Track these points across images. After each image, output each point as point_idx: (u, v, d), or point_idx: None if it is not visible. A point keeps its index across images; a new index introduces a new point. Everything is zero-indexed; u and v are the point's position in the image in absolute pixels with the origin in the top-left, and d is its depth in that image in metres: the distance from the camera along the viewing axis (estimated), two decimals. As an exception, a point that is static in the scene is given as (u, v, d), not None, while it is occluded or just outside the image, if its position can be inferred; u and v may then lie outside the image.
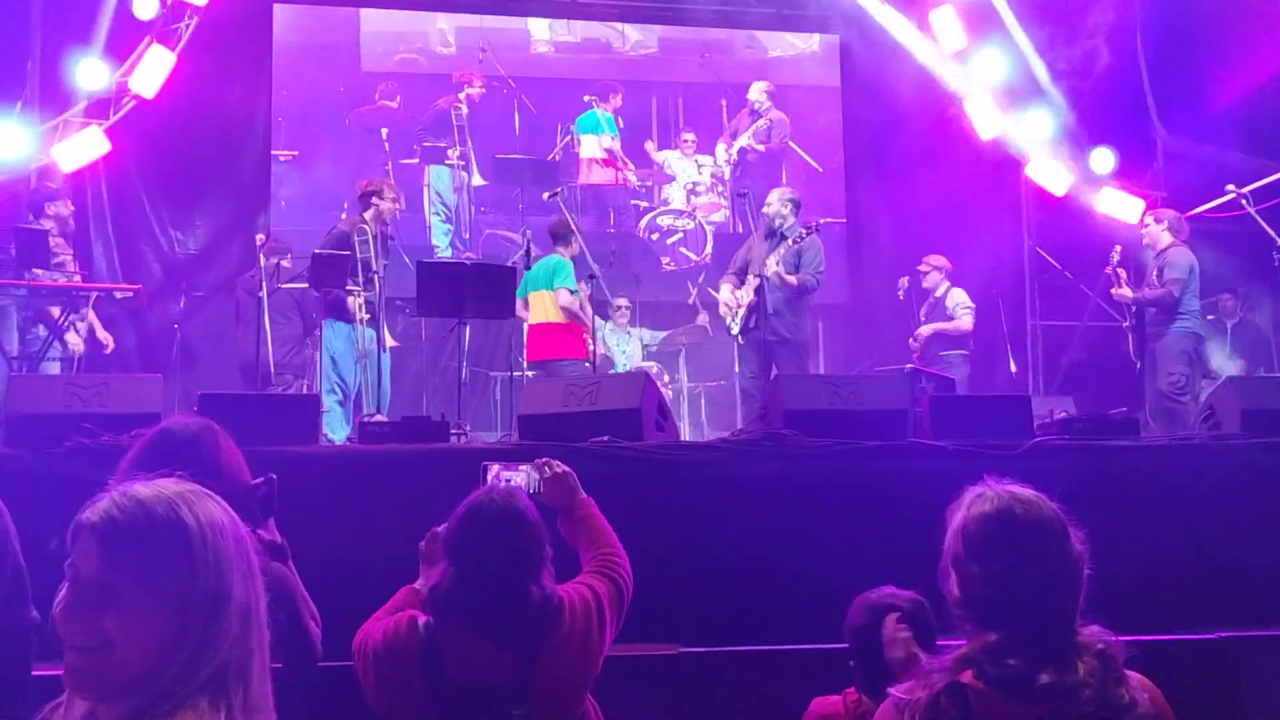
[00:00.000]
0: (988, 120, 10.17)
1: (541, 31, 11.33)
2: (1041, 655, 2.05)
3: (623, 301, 9.66)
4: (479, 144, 10.84)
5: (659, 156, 11.35)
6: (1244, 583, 4.50)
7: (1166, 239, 8.01)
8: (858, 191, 11.36)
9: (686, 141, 11.38)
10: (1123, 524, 4.59)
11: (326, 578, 3.24)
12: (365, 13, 10.90)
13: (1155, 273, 7.99)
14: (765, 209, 7.97)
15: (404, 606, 2.93)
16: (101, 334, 8.12)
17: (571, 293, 7.79)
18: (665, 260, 11.06)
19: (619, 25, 11.40)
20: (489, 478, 3.07)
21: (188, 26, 9.12)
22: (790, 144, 11.41)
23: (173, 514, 1.53)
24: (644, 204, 11.34)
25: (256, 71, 10.46)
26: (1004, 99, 10.16)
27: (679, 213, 11.29)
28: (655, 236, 11.19)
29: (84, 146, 8.79)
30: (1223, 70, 9.34)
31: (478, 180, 10.80)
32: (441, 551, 2.75)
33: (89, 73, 8.77)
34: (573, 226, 8.11)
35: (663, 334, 9.80)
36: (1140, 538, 4.55)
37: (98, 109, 8.91)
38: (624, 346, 9.52)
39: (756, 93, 11.44)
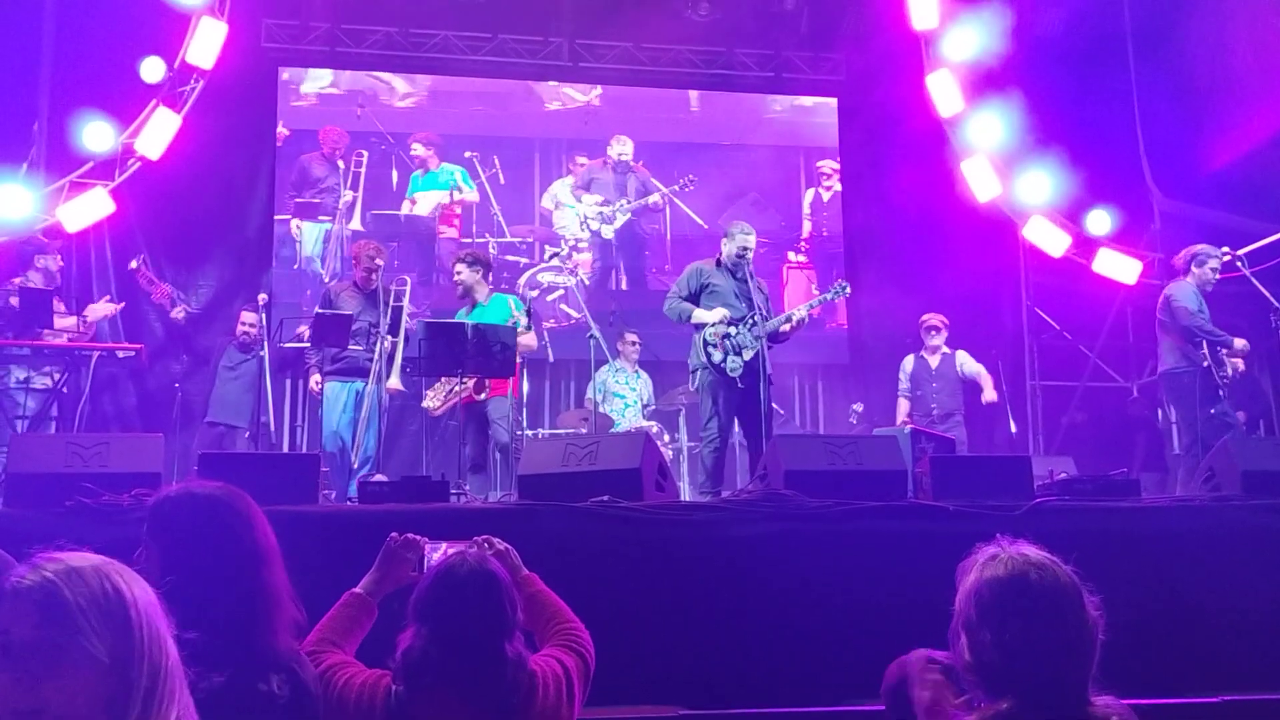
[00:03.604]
0: (985, 182, 10.26)
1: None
2: None
3: (633, 336, 9.56)
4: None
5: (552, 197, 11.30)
6: (1247, 645, 4.47)
7: None
8: (857, 253, 11.44)
9: (581, 165, 11.37)
10: (1124, 586, 4.57)
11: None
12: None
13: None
14: (746, 246, 7.38)
15: (345, 611, 2.92)
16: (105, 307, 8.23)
17: None
18: (548, 321, 10.51)
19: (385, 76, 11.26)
20: (427, 560, 3.01)
21: (193, 89, 9.24)
22: (675, 200, 11.38)
23: (109, 582, 1.55)
24: (524, 260, 11.13)
25: (260, 133, 10.60)
26: (1001, 161, 10.27)
27: (559, 269, 11.11)
28: (535, 293, 10.85)
29: (89, 207, 8.87)
30: (1218, 133, 9.43)
31: (356, 225, 10.72)
32: (411, 613, 2.69)
33: (95, 134, 8.89)
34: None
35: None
36: (1141, 600, 4.53)
37: (103, 170, 9.01)
38: (633, 384, 9.42)
39: (624, 145, 11.40)
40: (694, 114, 11.75)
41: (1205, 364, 7.48)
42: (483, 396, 7.38)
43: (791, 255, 11.06)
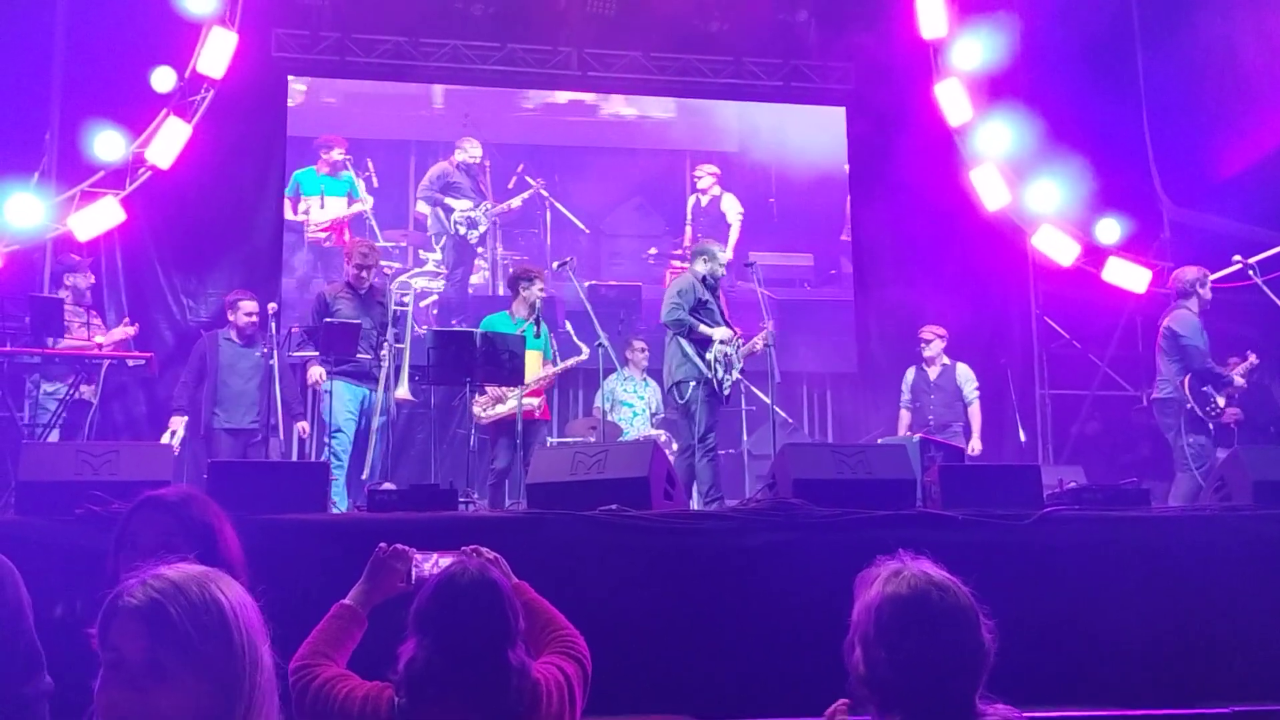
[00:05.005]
0: (994, 191, 10.26)
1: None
2: None
3: (641, 344, 9.51)
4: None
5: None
6: (1257, 655, 4.46)
7: None
8: (865, 262, 11.44)
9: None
10: (1134, 595, 4.57)
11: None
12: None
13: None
14: (722, 264, 7.78)
15: (336, 623, 2.91)
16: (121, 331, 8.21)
17: None
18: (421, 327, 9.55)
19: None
20: (416, 570, 2.99)
21: (204, 99, 9.29)
22: (555, 204, 11.18)
23: (208, 594, 1.60)
24: (396, 265, 10.78)
25: (270, 143, 10.63)
26: (1010, 170, 10.27)
27: (434, 274, 10.86)
28: (408, 298, 10.43)
29: (100, 216, 8.92)
30: (1228, 140, 9.42)
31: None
32: (412, 624, 2.66)
33: (106, 144, 8.94)
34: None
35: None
36: (1151, 609, 4.53)
37: (114, 179, 9.06)
38: (641, 393, 9.36)
39: (475, 148, 11.17)
40: (582, 116, 11.55)
41: (1189, 405, 7.58)
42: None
43: (675, 262, 11.02)
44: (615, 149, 11.51)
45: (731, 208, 11.51)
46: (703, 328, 7.41)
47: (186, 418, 8.03)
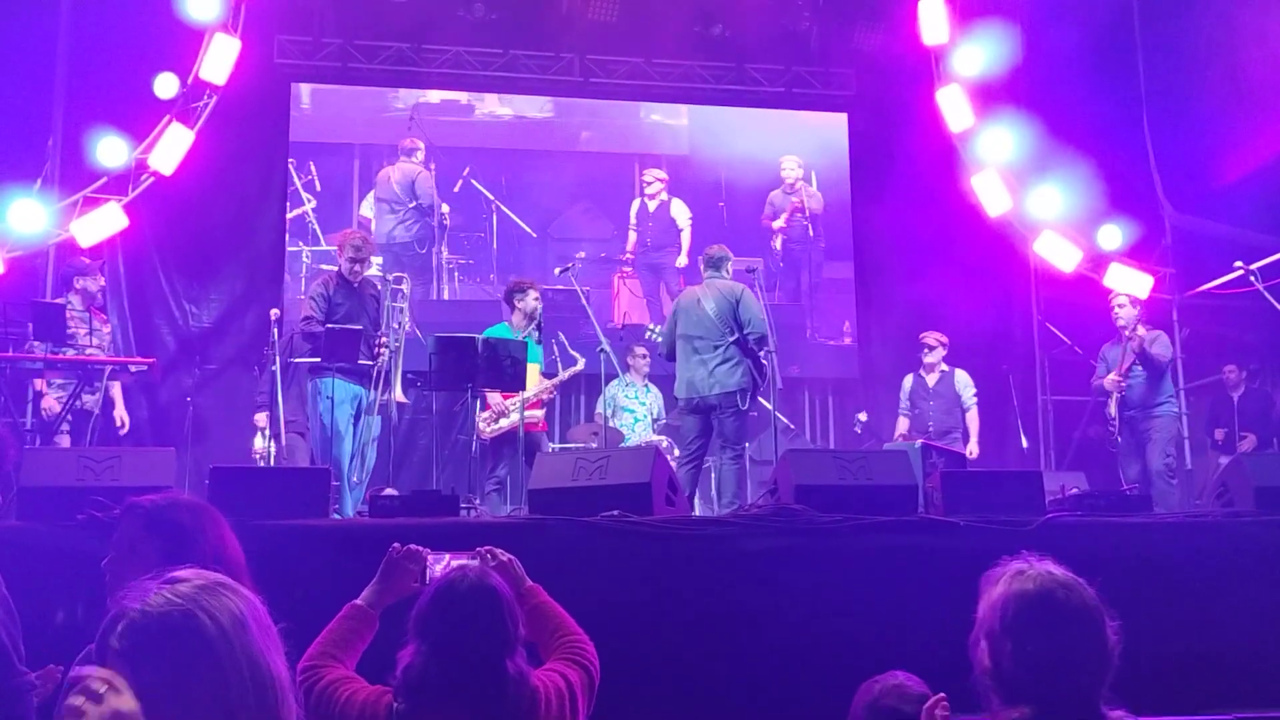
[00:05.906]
0: (996, 197, 10.26)
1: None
2: None
3: (643, 350, 9.48)
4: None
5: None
6: (1260, 661, 4.45)
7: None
8: (868, 267, 11.43)
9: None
10: (1136, 601, 4.54)
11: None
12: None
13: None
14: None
15: (346, 624, 2.91)
16: (120, 411, 8.20)
17: None
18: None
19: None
20: (430, 571, 2.99)
21: (206, 105, 9.30)
22: (500, 206, 11.06)
23: (190, 622, 1.58)
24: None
25: (273, 148, 10.63)
26: (1012, 176, 10.27)
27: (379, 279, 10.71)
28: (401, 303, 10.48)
29: (103, 222, 8.93)
30: (1229, 147, 9.42)
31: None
32: (411, 630, 2.67)
33: (109, 150, 8.95)
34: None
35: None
36: (1154, 614, 4.51)
37: (117, 185, 9.07)
38: (643, 399, 9.34)
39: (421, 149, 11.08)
40: (456, 116, 11.40)
41: None
42: None
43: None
44: (565, 152, 11.42)
45: (681, 213, 11.42)
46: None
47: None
